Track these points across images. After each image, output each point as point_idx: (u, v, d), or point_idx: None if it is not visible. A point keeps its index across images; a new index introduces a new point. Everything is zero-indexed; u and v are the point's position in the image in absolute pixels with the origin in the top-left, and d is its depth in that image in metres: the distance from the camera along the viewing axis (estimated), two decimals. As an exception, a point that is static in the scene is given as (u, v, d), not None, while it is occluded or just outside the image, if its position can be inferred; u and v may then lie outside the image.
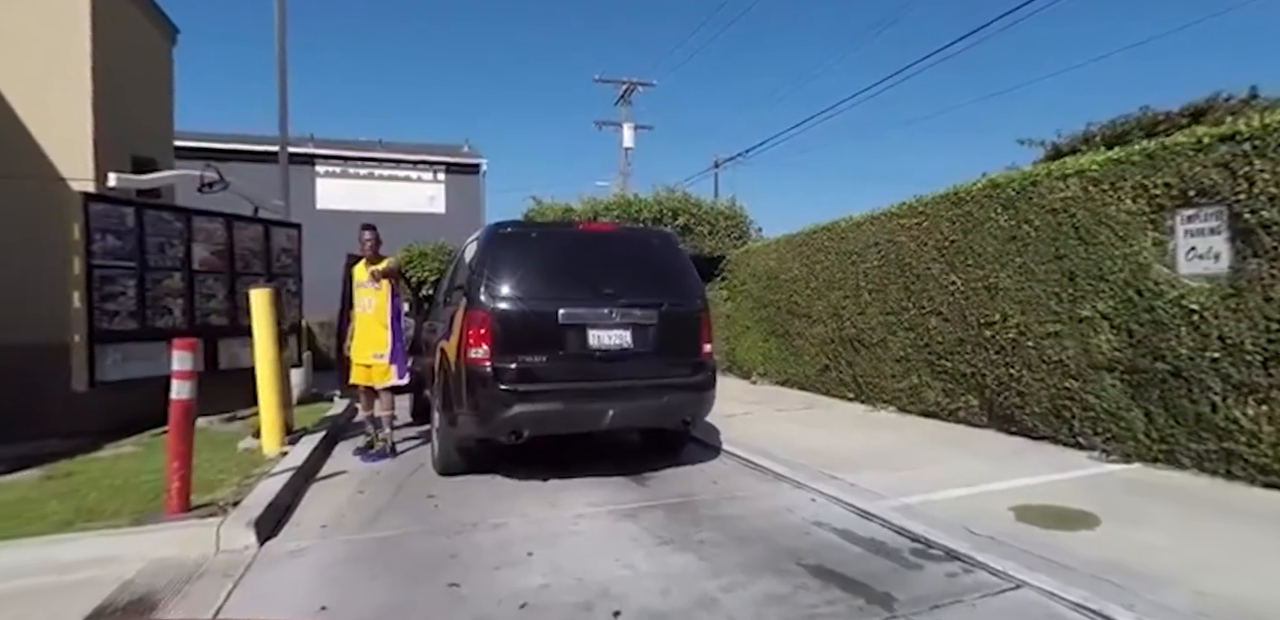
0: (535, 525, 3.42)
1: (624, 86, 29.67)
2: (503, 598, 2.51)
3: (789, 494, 4.03)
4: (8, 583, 2.64)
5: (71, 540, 2.98)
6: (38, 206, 6.17)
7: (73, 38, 6.56)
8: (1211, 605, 2.34)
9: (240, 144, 14.79)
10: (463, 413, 4.02)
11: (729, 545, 3.11)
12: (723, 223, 10.69)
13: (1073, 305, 4.95)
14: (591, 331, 4.02)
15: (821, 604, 2.46)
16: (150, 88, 8.36)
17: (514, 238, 4.28)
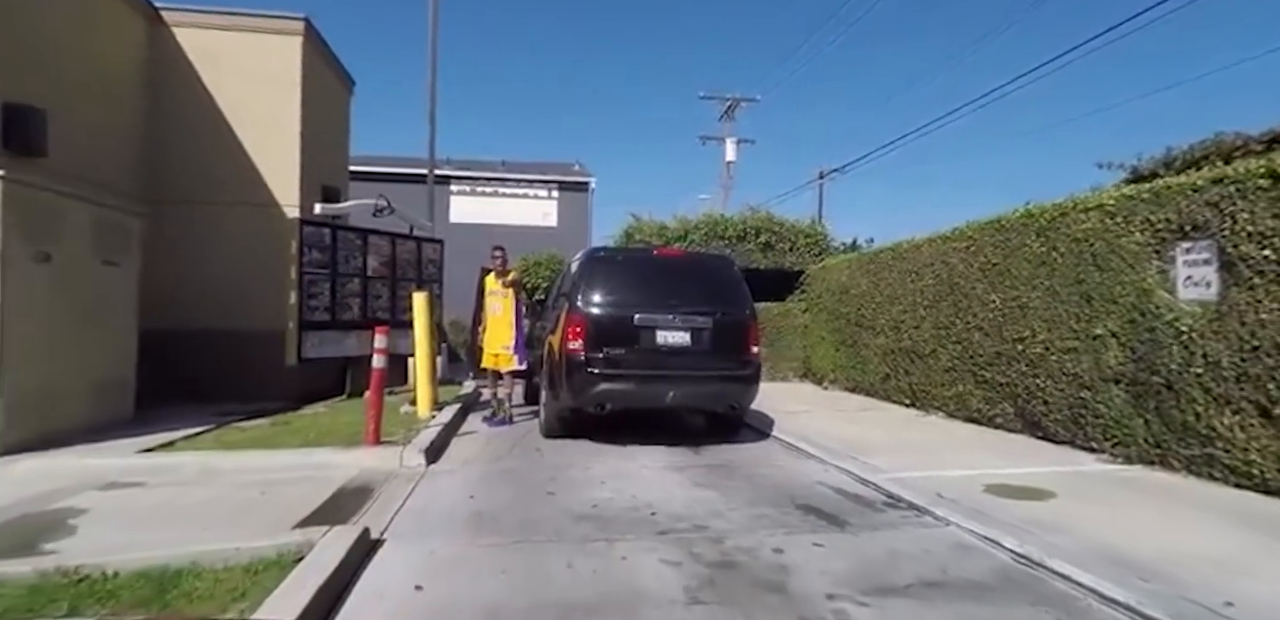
0: (610, 469, 4.71)
1: (727, 103, 30.79)
2: (581, 501, 3.81)
3: (811, 466, 5.07)
4: (292, 477, 4.27)
5: (315, 452, 4.62)
6: (258, 227, 8.28)
7: (288, 100, 8.70)
8: (1087, 547, 3.19)
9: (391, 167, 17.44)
10: (563, 389, 5.41)
11: (746, 490, 4.25)
12: (802, 240, 11.60)
13: (1088, 324, 5.60)
14: (659, 332, 5.30)
15: (795, 522, 3.56)
16: (335, 130, 10.58)
17: (605, 260, 5.66)
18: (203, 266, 7.94)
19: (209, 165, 8.26)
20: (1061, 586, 2.79)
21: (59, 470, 4.44)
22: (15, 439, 4.93)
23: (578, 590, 2.64)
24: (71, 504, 3.68)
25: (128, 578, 2.56)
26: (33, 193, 5.27)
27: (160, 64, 8.22)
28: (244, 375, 7.88)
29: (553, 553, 3.04)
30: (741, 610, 2.47)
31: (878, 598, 2.60)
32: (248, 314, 8.02)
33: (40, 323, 5.25)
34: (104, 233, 6.16)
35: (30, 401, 5.13)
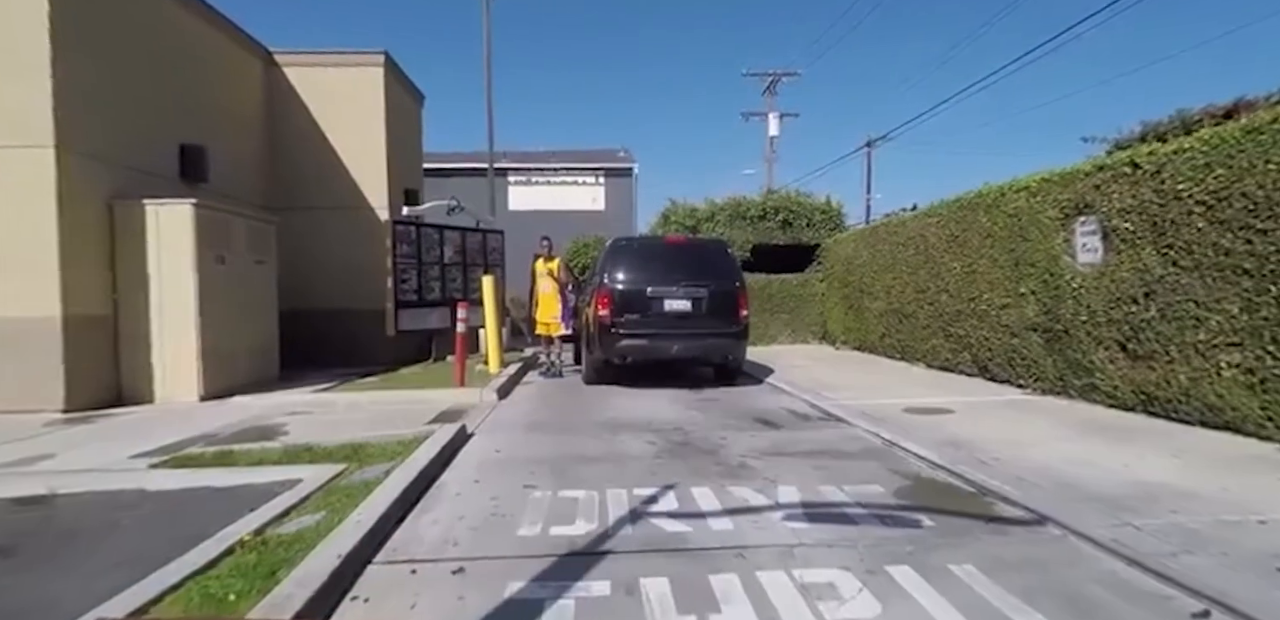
0: (629, 401, 6.46)
1: (770, 78, 31.41)
2: (603, 417, 5.60)
3: (783, 399, 6.66)
4: (412, 405, 6.22)
5: (422, 391, 6.58)
6: (359, 226, 10.33)
7: (375, 120, 10.63)
8: (936, 437, 4.68)
9: (455, 162, 19.48)
10: (595, 346, 7.19)
11: (720, 411, 5.92)
12: (819, 216, 12.88)
13: (1017, 284, 6.89)
14: (666, 301, 6.96)
15: (745, 426, 5.22)
16: (411, 140, 12.52)
17: (624, 247, 7.36)
18: (319, 260, 10.06)
19: (318, 178, 10.33)
20: (900, 454, 4.34)
21: (256, 405, 6.56)
22: (210, 389, 7.09)
23: (589, 452, 4.41)
24: (276, 422, 5.71)
25: (334, 447, 4.48)
26: (211, 212, 7.34)
27: (275, 97, 10.29)
28: (354, 345, 10.02)
29: (578, 437, 4.84)
30: (684, 461, 4.16)
31: (770, 457, 4.24)
32: (355, 296, 10.13)
33: (219, 307, 7.36)
34: (254, 238, 8.26)
35: (215, 362, 7.26)
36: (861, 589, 2.29)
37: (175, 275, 6.89)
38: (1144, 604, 2.21)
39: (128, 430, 5.41)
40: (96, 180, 6.70)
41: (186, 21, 8.31)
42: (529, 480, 3.71)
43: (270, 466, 4.06)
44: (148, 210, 6.88)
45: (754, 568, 2.46)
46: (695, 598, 2.23)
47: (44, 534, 3.15)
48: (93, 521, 3.33)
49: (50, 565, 2.75)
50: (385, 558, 2.65)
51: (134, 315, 6.88)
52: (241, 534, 2.85)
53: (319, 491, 3.49)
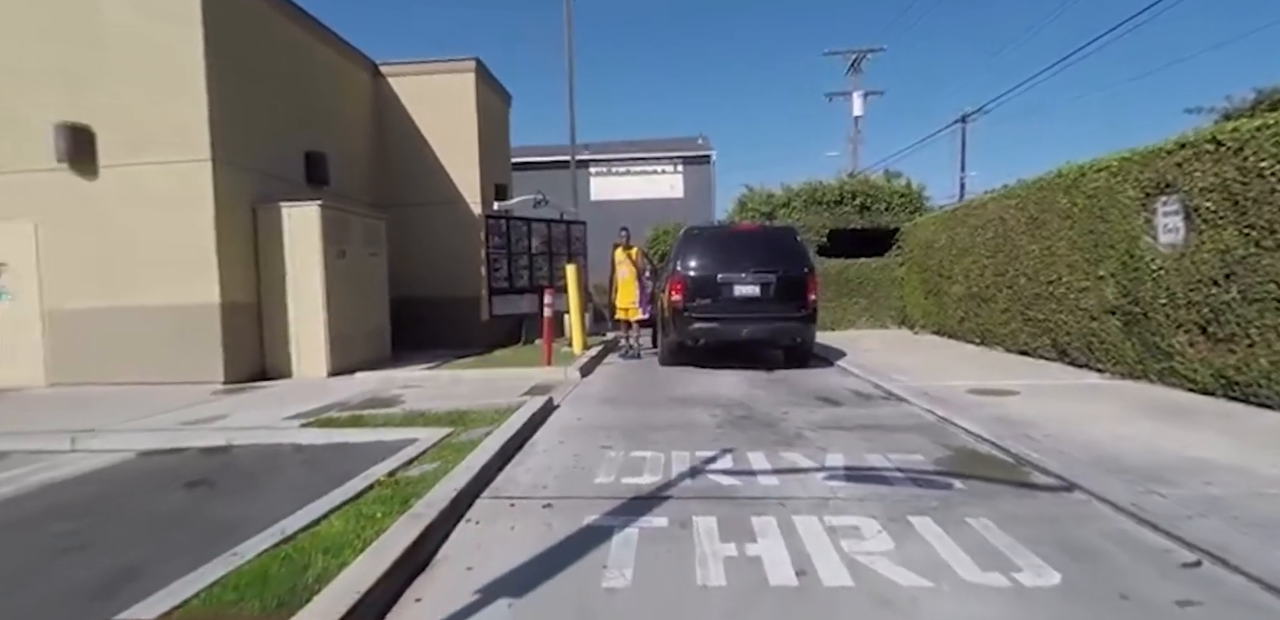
0: (700, 380, 6.93)
1: (853, 56, 30.47)
2: (675, 393, 6.10)
3: (849, 380, 6.92)
4: (505, 380, 6.98)
5: (515, 369, 7.33)
6: (456, 220, 11.27)
7: (468, 121, 11.51)
8: (992, 415, 4.87)
9: (540, 155, 20.41)
10: (670, 329, 7.69)
11: (786, 390, 6.27)
12: (898, 200, 12.72)
13: (1095, 267, 6.77)
14: (736, 286, 7.34)
15: (806, 403, 5.57)
16: (500, 138, 13.39)
17: (695, 236, 7.77)
18: (421, 252, 11.09)
19: (419, 177, 11.35)
20: (951, 429, 4.59)
21: (374, 379, 7.52)
22: (335, 366, 8.14)
23: (659, 421, 4.93)
24: (393, 393, 6.59)
25: (443, 414, 5.23)
26: (333, 212, 8.36)
27: (382, 105, 11.36)
28: (452, 329, 11.02)
29: (649, 410, 5.38)
30: (744, 431, 4.60)
31: (825, 430, 4.60)
32: (453, 285, 11.12)
33: (342, 294, 8.40)
34: (368, 233, 9.28)
35: (339, 343, 8.31)
36: (881, 531, 2.68)
37: (306, 268, 7.96)
38: (1139, 553, 2.49)
39: (275, 398, 6.45)
40: (242, 187, 7.83)
41: (307, 42, 9.39)
42: (605, 442, 4.29)
43: (393, 428, 4.84)
44: (282, 212, 7.97)
45: (790, 513, 2.90)
46: (737, 532, 2.71)
47: (231, 473, 4.04)
48: (263, 465, 4.19)
49: (241, 494, 3.58)
50: (489, 494, 3.29)
51: (274, 303, 8.02)
52: (378, 475, 3.58)
53: (433, 447, 4.20)
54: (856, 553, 2.48)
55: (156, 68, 7.35)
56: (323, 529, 2.76)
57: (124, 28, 7.36)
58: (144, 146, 7.42)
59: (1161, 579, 2.27)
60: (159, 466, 4.28)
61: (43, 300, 7.63)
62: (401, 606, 2.18)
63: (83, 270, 7.55)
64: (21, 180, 7.56)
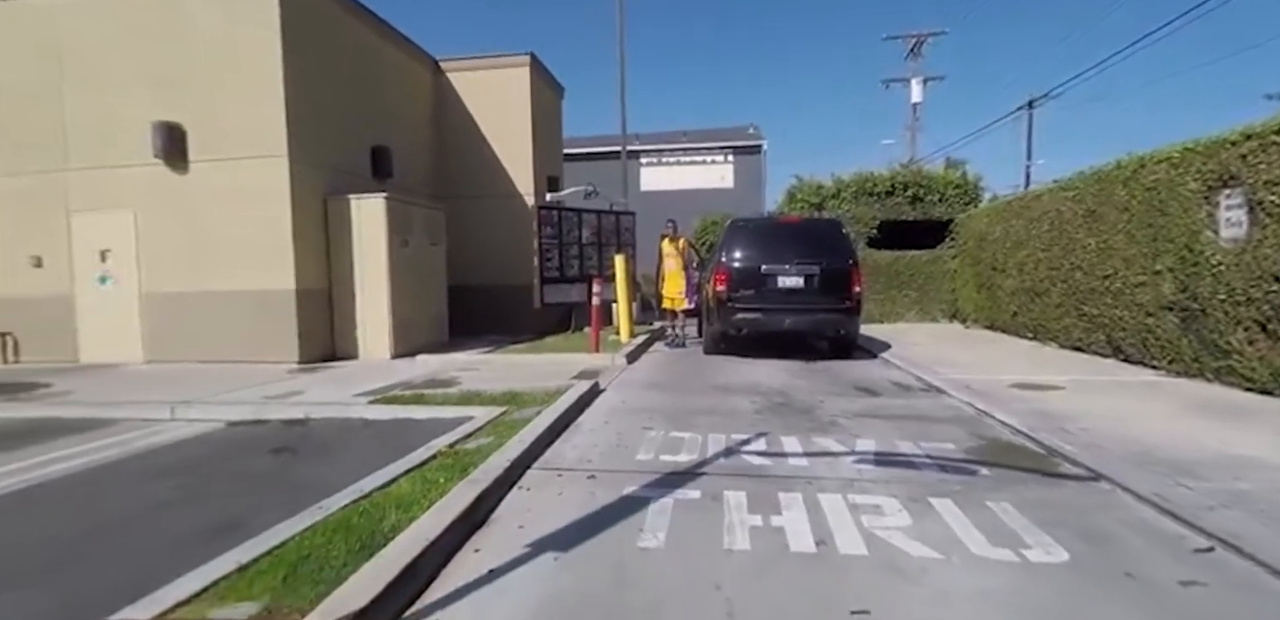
0: (743, 369, 7.11)
1: (913, 40, 29.61)
2: (717, 380, 6.31)
3: (891, 372, 6.97)
4: (555, 365, 7.34)
5: (564, 355, 7.67)
6: (510, 211, 11.68)
7: (523, 115, 11.87)
8: (1030, 409, 4.91)
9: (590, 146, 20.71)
10: (714, 319, 7.87)
11: (826, 380, 6.39)
12: (952, 191, 12.47)
13: (1152, 261, 6.61)
14: (779, 277, 7.47)
15: (845, 393, 5.69)
16: (553, 131, 13.72)
17: (740, 228, 7.91)
18: (477, 241, 11.56)
19: (475, 169, 11.80)
20: (988, 421, 4.65)
21: (434, 362, 8.00)
22: (398, 349, 8.65)
23: (699, 406, 5.16)
24: (451, 375, 7.02)
25: (497, 394, 5.59)
26: (397, 204, 8.85)
27: (441, 100, 11.83)
28: (506, 315, 11.48)
29: (691, 395, 5.61)
30: (780, 417, 4.78)
31: (860, 418, 4.74)
32: (506, 273, 11.56)
33: (404, 282, 8.90)
34: (428, 224, 9.76)
35: (402, 328, 8.83)
36: (901, 510, 2.86)
37: (372, 257, 8.49)
38: (1154, 539, 2.59)
39: (345, 377, 6.97)
40: (314, 181, 8.39)
41: (374, 42, 9.88)
42: (647, 424, 4.55)
43: (451, 406, 5.23)
44: (351, 204, 8.50)
45: (816, 491, 3.10)
46: (764, 505, 2.93)
47: (309, 442, 4.48)
48: (337, 436, 4.63)
49: (319, 460, 4.00)
50: (539, 466, 3.60)
51: (343, 289, 8.58)
52: (439, 447, 3.93)
53: (488, 424, 4.54)
54: (875, 527, 2.67)
55: (240, 71, 7.94)
56: (393, 490, 3.12)
57: (212, 35, 7.97)
58: (228, 144, 8.04)
59: (1170, 562, 2.38)
60: (247, 435, 4.78)
61: (140, 284, 8.39)
62: (463, 554, 2.49)
63: (174, 257, 8.26)
64: (123, 174, 8.29)
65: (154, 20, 8.15)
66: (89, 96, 8.35)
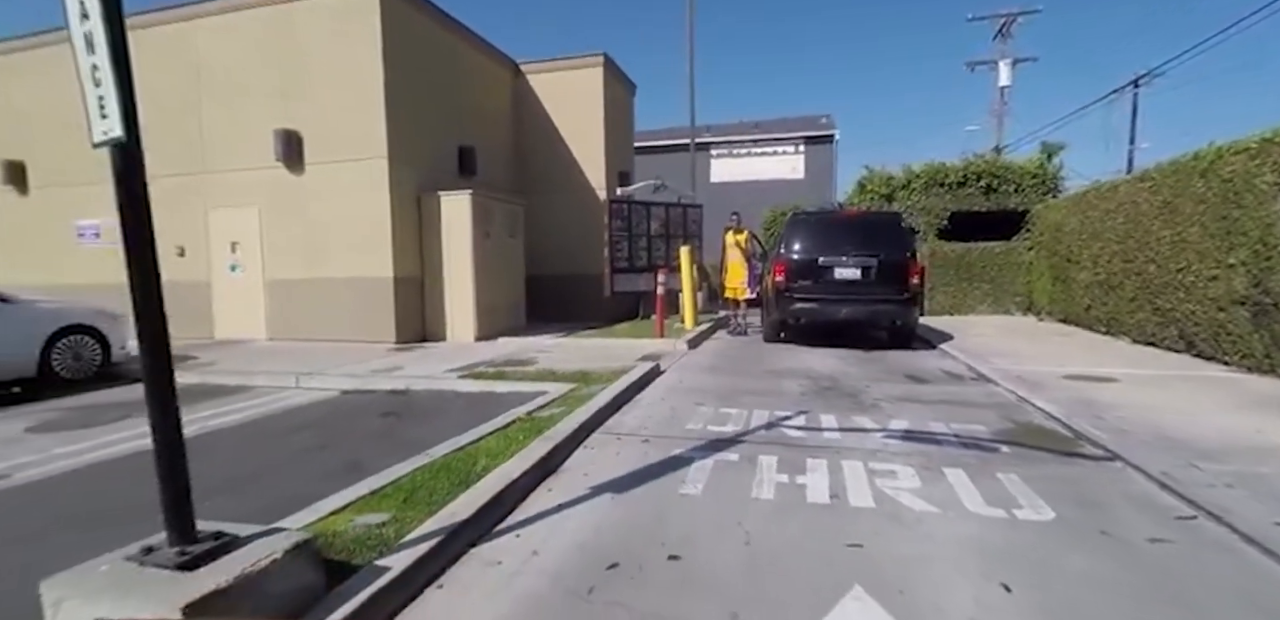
0: (799, 356, 7.47)
1: (1002, 21, 28.29)
2: (772, 366, 6.72)
3: (946, 362, 7.15)
4: (621, 349, 7.94)
5: (631, 340, 8.27)
6: (583, 205, 12.35)
7: (595, 113, 12.47)
8: (1074, 398, 5.07)
9: (659, 140, 21.18)
10: (773, 309, 8.24)
11: (878, 368, 6.67)
12: (1028, 181, 12.16)
13: (1226, 255, 6.47)
14: (837, 269, 7.74)
15: (893, 379, 5.98)
16: (624, 127, 14.28)
17: (800, 221, 8.21)
18: (552, 233, 12.32)
19: (551, 165, 12.53)
20: (1027, 408, 4.87)
21: (513, 344, 8.77)
22: (480, 333, 9.49)
23: (750, 387, 5.61)
24: (528, 356, 7.75)
25: (569, 373, 6.23)
26: (481, 199, 9.65)
27: (520, 100, 12.61)
28: (578, 303, 12.20)
29: (744, 378, 6.06)
30: (824, 399, 5.17)
31: (901, 402, 5.06)
32: (580, 263, 12.26)
33: (486, 271, 9.72)
34: (508, 218, 10.55)
35: (485, 313, 9.66)
36: (914, 475, 3.25)
37: (458, 248, 9.34)
38: (1143, 508, 2.87)
39: (436, 356, 7.82)
40: (409, 179, 9.29)
41: (459, 49, 10.71)
42: (700, 400, 5.06)
43: (529, 382, 5.90)
44: (441, 200, 9.36)
45: (840, 458, 3.52)
46: (791, 467, 3.38)
47: (411, 408, 5.25)
48: (433, 404, 5.38)
49: (420, 422, 4.74)
50: (602, 431, 4.19)
51: (433, 277, 9.49)
52: (519, 414, 4.59)
53: (560, 397, 5.17)
54: (885, 487, 3.08)
55: (347, 82, 8.90)
56: (482, 444, 3.77)
57: (324, 51, 8.96)
58: (336, 147, 9.04)
59: (1149, 525, 2.68)
60: (359, 401, 5.62)
61: (264, 271, 9.59)
62: (538, 492, 3.10)
63: (291, 248, 9.39)
64: (250, 176, 9.48)
65: (275, 40, 9.23)
66: (221, 108, 9.57)
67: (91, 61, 1.72)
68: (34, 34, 10.78)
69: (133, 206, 1.79)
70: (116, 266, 8.21)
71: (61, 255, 10.86)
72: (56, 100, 10.48)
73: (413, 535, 2.42)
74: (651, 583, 2.23)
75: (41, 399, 5.97)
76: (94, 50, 1.71)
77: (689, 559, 2.40)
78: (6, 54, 11.01)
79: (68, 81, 8.06)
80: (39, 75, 10.68)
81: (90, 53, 1.72)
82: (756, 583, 2.21)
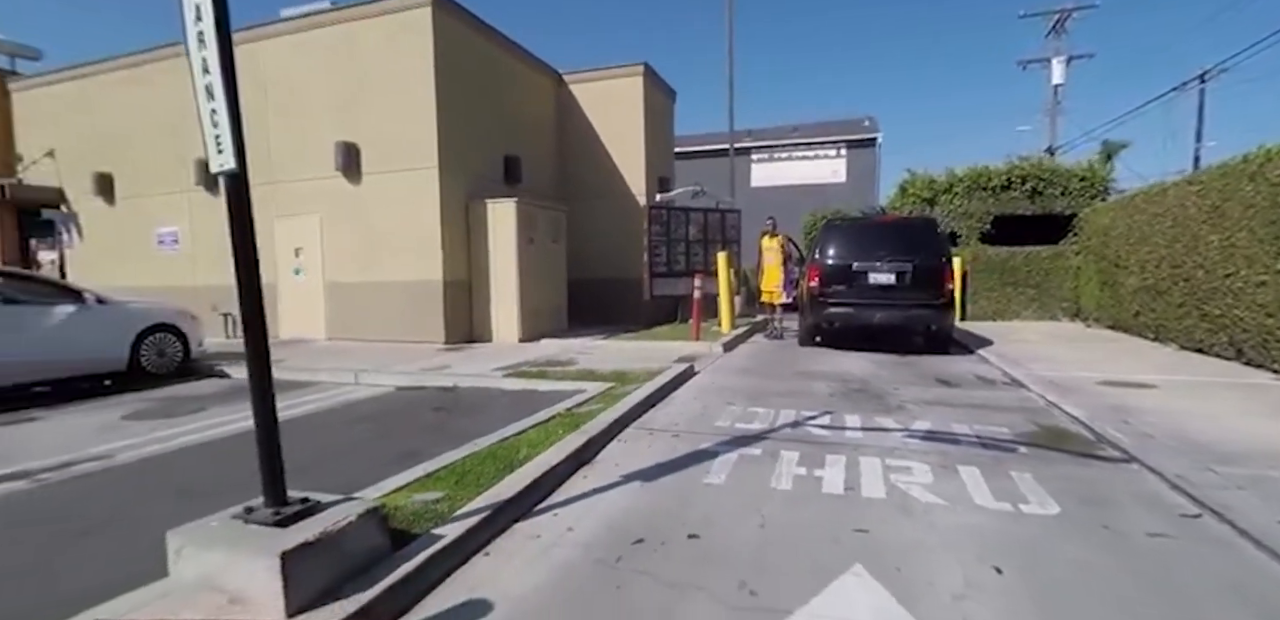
0: (832, 360, 7.61)
1: (1055, 17, 27.65)
2: (804, 369, 6.89)
3: (980, 367, 7.18)
4: (658, 351, 8.23)
5: (668, 342, 8.54)
6: (623, 210, 12.69)
7: (635, 121, 12.80)
8: (1107, 404, 5.10)
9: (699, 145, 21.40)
10: (807, 313, 8.39)
11: (910, 372, 6.77)
12: (1075, 184, 11.94)
13: (1275, 260, 6.34)
14: (871, 274, 7.84)
15: (923, 383, 6.09)
16: (664, 134, 14.57)
17: (834, 227, 8.34)
18: (592, 238, 12.69)
19: (592, 172, 12.92)
20: (1054, 412, 4.94)
21: (555, 345, 9.14)
22: (524, 334, 9.90)
23: (779, 388, 5.81)
24: (569, 357, 8.10)
25: (607, 372, 6.54)
26: (525, 207, 10.08)
27: (562, 110, 13.04)
28: (617, 307, 12.53)
29: (775, 380, 6.26)
30: (852, 401, 5.33)
31: (928, 405, 5.18)
32: (620, 267, 12.60)
33: (530, 276, 10.14)
34: (551, 224, 10.96)
35: (528, 316, 10.07)
36: (928, 471, 3.42)
37: (504, 253, 9.78)
38: (1150, 506, 2.99)
39: (482, 356, 8.24)
40: (458, 188, 9.79)
41: (506, 61, 11.19)
42: (730, 400, 5.29)
43: (569, 381, 6.23)
44: (488, 207, 9.82)
45: (859, 454, 3.72)
46: (810, 462, 3.60)
47: (460, 404, 5.63)
48: (480, 400, 5.76)
49: (467, 416, 5.10)
50: (635, 426, 4.47)
51: (480, 281, 9.96)
52: (558, 410, 4.91)
53: (598, 395, 5.48)
54: (898, 481, 3.27)
55: (402, 96, 9.45)
56: (524, 436, 4.10)
57: (380, 67, 9.54)
58: (391, 158, 9.60)
59: (1151, 521, 2.81)
60: (412, 397, 6.04)
61: (324, 275, 10.22)
62: (574, 479, 3.41)
63: (349, 253, 9.99)
64: (312, 185, 10.13)
65: (336, 58, 9.86)
66: (286, 122, 10.25)
67: (211, 107, 2.10)
68: (119, 56, 11.76)
69: (240, 222, 2.16)
70: (188, 270, 8.99)
71: (141, 260, 11.78)
72: (139, 118, 11.41)
73: (463, 511, 2.74)
74: (672, 556, 2.49)
75: (130, 391, 6.61)
76: (213, 98, 2.08)
77: (707, 537, 2.65)
78: (96, 76, 12.02)
79: (150, 101, 8.91)
80: (125, 95, 11.64)
81: (210, 99, 2.09)
82: (766, 558, 2.45)
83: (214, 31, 2.03)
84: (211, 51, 2.05)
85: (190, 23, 2.07)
